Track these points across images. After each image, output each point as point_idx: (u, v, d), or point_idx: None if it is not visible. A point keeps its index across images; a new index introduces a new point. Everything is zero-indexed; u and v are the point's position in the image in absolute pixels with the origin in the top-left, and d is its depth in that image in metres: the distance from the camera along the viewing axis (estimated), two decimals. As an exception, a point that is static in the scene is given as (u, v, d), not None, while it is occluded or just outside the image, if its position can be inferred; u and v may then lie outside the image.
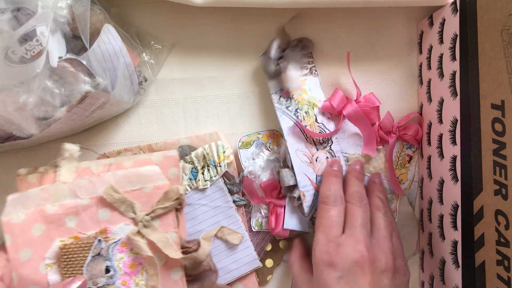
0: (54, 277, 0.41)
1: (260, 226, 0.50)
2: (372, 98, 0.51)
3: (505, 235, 0.38)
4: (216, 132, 0.50)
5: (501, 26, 0.38)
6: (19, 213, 0.41)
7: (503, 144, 0.38)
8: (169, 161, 0.45)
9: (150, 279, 0.43)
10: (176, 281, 0.44)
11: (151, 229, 0.43)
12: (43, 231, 0.41)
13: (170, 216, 0.44)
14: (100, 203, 0.43)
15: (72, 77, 0.39)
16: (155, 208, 0.43)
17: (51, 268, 0.41)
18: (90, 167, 0.44)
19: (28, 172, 0.43)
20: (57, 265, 0.41)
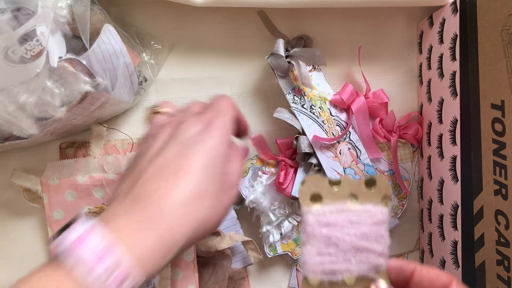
0: None
1: (274, 251, 0.50)
2: (381, 94, 0.51)
3: (505, 235, 0.38)
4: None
5: (501, 26, 0.38)
6: (55, 177, 0.47)
7: (503, 144, 0.38)
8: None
9: None
10: (188, 263, 0.45)
11: None
12: (74, 198, 0.47)
13: None
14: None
15: (72, 77, 0.39)
16: None
17: None
18: (116, 145, 0.50)
19: (67, 146, 0.50)
20: None
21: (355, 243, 0.30)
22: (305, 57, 0.48)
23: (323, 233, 0.30)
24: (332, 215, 0.30)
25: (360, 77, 0.52)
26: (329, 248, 0.30)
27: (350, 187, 0.31)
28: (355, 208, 0.31)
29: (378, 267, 0.30)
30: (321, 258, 0.30)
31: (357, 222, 0.30)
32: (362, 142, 0.50)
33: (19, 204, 0.49)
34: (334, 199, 0.31)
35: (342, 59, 0.52)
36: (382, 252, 0.30)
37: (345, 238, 0.30)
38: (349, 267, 0.30)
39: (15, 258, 0.50)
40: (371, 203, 0.31)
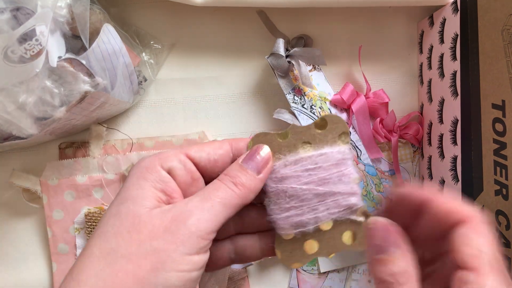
0: (81, 241, 0.47)
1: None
2: (382, 94, 0.51)
3: (506, 236, 0.38)
4: (203, 131, 0.51)
5: (501, 26, 0.38)
6: (54, 177, 0.47)
7: (503, 144, 0.37)
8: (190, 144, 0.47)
9: None
10: None
11: None
12: (74, 198, 0.47)
13: None
14: (123, 179, 0.47)
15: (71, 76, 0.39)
16: None
17: (79, 232, 0.47)
18: (116, 145, 0.50)
19: (66, 146, 0.50)
20: (84, 231, 0.46)
21: (316, 190, 0.29)
22: (305, 57, 0.48)
23: (280, 188, 0.29)
24: (286, 168, 0.29)
25: (360, 77, 0.52)
26: (291, 201, 0.29)
27: (300, 135, 0.30)
28: (309, 155, 0.30)
29: (351, 207, 0.29)
30: (286, 213, 0.29)
31: (314, 169, 0.29)
32: (362, 142, 0.50)
33: (19, 204, 0.49)
34: (285, 152, 0.30)
35: (343, 58, 0.52)
36: (350, 191, 0.29)
37: (303, 188, 0.29)
38: (318, 215, 0.29)
39: (14, 258, 0.50)
40: (327, 145, 0.30)
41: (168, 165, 0.29)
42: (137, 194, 0.27)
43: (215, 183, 0.29)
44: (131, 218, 0.26)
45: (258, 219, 0.32)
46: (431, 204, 0.26)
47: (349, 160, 0.30)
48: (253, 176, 0.29)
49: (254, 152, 0.30)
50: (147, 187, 0.27)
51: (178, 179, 0.29)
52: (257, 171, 0.29)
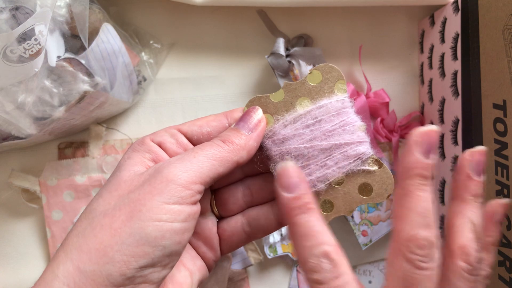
0: None
1: (274, 252, 0.50)
2: (382, 94, 0.51)
3: (506, 236, 0.38)
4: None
5: (502, 25, 0.37)
6: (53, 178, 0.47)
7: (504, 144, 0.37)
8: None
9: None
10: None
11: None
12: (73, 198, 0.47)
13: None
14: None
15: (70, 76, 0.39)
16: None
17: None
18: (115, 145, 0.49)
19: (65, 146, 0.50)
20: None
21: (321, 145, 0.28)
22: (305, 57, 0.48)
23: (284, 150, 0.28)
24: (286, 128, 0.28)
25: (361, 76, 0.52)
26: (297, 162, 0.28)
27: (295, 92, 0.29)
28: (307, 110, 0.28)
29: (361, 156, 0.28)
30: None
31: (314, 123, 0.28)
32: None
33: (18, 205, 0.49)
34: (283, 112, 0.29)
35: (343, 58, 0.52)
36: (357, 140, 0.28)
37: (306, 146, 0.28)
38: (327, 171, 0.28)
39: (13, 259, 0.50)
40: (324, 96, 0.29)
41: (158, 139, 0.29)
42: (126, 163, 0.27)
43: (205, 143, 0.28)
44: (115, 181, 0.26)
45: (267, 186, 0.31)
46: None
47: (350, 108, 0.29)
48: (244, 134, 0.28)
49: (246, 114, 0.30)
50: (136, 156, 0.28)
51: (169, 152, 0.29)
52: (248, 131, 0.29)
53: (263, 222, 0.31)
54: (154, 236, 0.24)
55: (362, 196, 0.28)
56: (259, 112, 0.29)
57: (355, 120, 0.28)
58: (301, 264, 0.26)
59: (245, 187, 0.32)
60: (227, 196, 0.32)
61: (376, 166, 0.28)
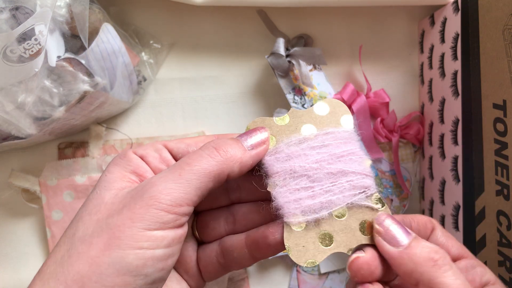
0: None
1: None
2: (382, 94, 0.50)
3: (507, 236, 0.38)
4: (203, 131, 0.50)
5: (502, 26, 0.37)
6: (53, 178, 0.47)
7: (505, 144, 0.37)
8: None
9: None
10: None
11: None
12: (73, 198, 0.47)
13: None
14: None
15: (70, 76, 0.39)
16: None
17: None
18: (115, 145, 0.49)
19: (65, 146, 0.49)
20: None
21: (328, 168, 0.26)
22: (305, 57, 0.47)
23: (286, 167, 0.26)
24: (290, 147, 0.27)
25: (361, 76, 0.52)
26: (301, 182, 0.26)
27: (300, 119, 0.28)
28: (314, 134, 0.27)
29: (367, 190, 0.26)
30: (295, 196, 0.26)
31: (321, 146, 0.27)
32: (363, 142, 0.50)
33: (18, 205, 0.49)
34: (286, 135, 0.27)
35: (343, 58, 0.52)
36: (364, 172, 0.26)
37: (312, 166, 0.26)
38: (332, 198, 0.26)
39: (13, 259, 0.50)
40: (329, 126, 0.28)
41: (141, 152, 0.27)
42: (106, 179, 0.26)
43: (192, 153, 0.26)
44: (95, 201, 0.25)
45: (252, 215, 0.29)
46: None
47: (357, 141, 0.28)
48: (244, 148, 0.27)
49: (252, 130, 0.28)
50: (117, 171, 0.26)
51: (151, 165, 0.27)
52: (250, 146, 0.27)
53: (236, 255, 0.28)
54: (136, 264, 0.22)
55: (363, 234, 0.27)
56: (266, 133, 0.28)
57: (362, 153, 0.27)
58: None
59: (229, 213, 0.30)
60: (209, 219, 0.30)
61: (380, 204, 0.27)
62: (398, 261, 0.25)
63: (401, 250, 0.25)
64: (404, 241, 0.25)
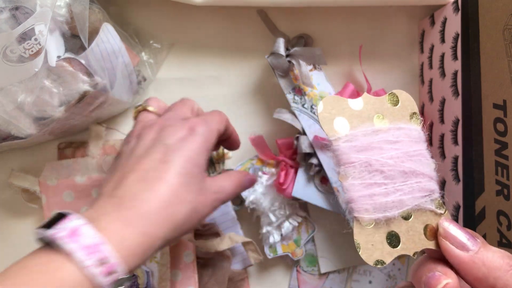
0: None
1: (274, 252, 0.50)
2: (382, 93, 0.50)
3: (507, 236, 0.38)
4: None
5: (503, 25, 0.37)
6: (53, 178, 0.46)
7: (505, 144, 0.37)
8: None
9: (162, 257, 0.44)
10: (187, 264, 0.45)
11: None
12: (73, 198, 0.47)
13: None
14: None
15: (70, 76, 0.39)
16: None
17: None
18: (115, 145, 0.49)
19: (65, 146, 0.49)
20: None
21: (402, 166, 0.25)
22: (305, 56, 0.47)
23: (362, 159, 0.25)
24: (365, 137, 0.25)
25: (361, 76, 0.52)
26: (374, 176, 0.25)
27: (373, 106, 0.27)
28: (386, 127, 0.26)
29: (432, 193, 0.26)
30: (370, 191, 0.25)
31: (395, 142, 0.26)
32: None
33: (17, 205, 0.49)
34: (359, 121, 0.26)
35: (343, 58, 0.52)
36: (431, 175, 0.26)
37: (388, 162, 0.25)
38: (403, 198, 0.25)
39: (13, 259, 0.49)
40: (400, 121, 0.27)
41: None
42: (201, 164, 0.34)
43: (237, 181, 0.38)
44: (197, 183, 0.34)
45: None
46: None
47: (425, 142, 0.27)
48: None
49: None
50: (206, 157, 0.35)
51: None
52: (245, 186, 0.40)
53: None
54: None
55: (427, 238, 0.26)
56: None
57: (429, 154, 0.27)
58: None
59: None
60: None
61: (443, 209, 0.26)
62: (469, 265, 0.25)
63: (472, 255, 0.25)
64: (473, 246, 0.25)
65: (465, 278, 0.26)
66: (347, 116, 0.26)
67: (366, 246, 0.25)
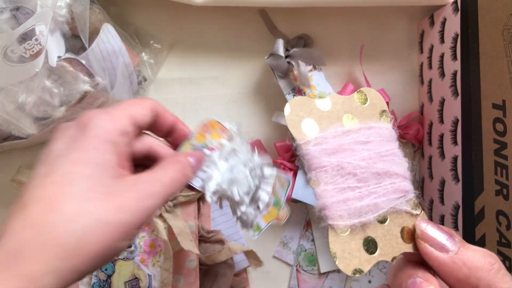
0: None
1: (258, 229, 0.48)
2: (382, 94, 0.50)
3: (506, 236, 0.38)
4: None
5: (502, 26, 0.37)
6: None
7: (504, 144, 0.37)
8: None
9: (164, 262, 0.44)
10: (190, 270, 0.45)
11: (173, 214, 0.45)
12: None
13: (191, 206, 0.46)
14: None
15: (71, 76, 0.39)
16: (177, 195, 0.46)
17: None
18: None
19: None
20: None
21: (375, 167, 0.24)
22: (304, 57, 0.48)
23: (334, 163, 0.24)
24: (335, 139, 0.24)
25: (361, 76, 0.52)
26: (347, 180, 0.24)
27: (342, 106, 0.26)
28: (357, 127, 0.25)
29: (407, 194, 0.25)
30: (343, 196, 0.24)
31: (366, 142, 0.25)
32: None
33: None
34: (328, 122, 0.25)
35: (343, 58, 0.52)
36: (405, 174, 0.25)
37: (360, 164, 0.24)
38: (378, 201, 0.24)
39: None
40: (370, 120, 0.26)
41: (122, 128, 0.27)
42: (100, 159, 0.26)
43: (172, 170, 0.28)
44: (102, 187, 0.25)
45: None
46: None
47: (396, 141, 0.26)
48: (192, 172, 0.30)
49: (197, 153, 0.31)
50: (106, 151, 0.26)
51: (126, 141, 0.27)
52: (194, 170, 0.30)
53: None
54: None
55: (404, 242, 0.25)
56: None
57: (401, 153, 0.26)
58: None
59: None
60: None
61: (419, 210, 0.26)
62: (450, 267, 0.24)
63: (452, 256, 0.24)
64: (452, 246, 0.24)
65: (446, 280, 0.24)
66: (315, 118, 0.25)
67: (343, 255, 0.24)
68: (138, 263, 0.45)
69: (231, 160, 0.32)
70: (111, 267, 0.45)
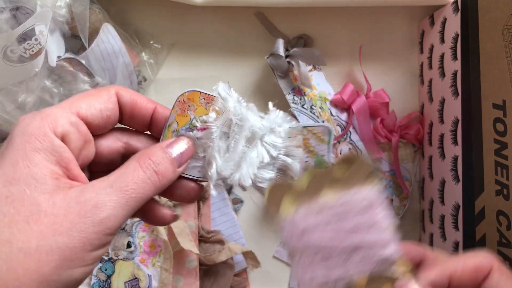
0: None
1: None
2: (382, 94, 0.51)
3: (506, 236, 0.38)
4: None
5: (502, 26, 0.37)
6: None
7: (504, 144, 0.37)
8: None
9: (164, 262, 0.45)
10: (190, 270, 0.45)
11: None
12: None
13: (191, 206, 0.46)
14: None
15: (71, 76, 0.39)
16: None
17: None
18: None
19: None
20: None
21: (348, 242, 0.25)
22: (304, 57, 0.48)
23: (307, 241, 0.25)
24: (310, 217, 0.25)
25: (361, 76, 0.52)
26: (316, 256, 0.25)
27: (320, 181, 0.26)
28: (334, 200, 0.25)
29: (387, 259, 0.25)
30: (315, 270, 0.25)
31: (342, 216, 0.25)
32: (362, 142, 0.50)
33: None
34: (307, 199, 0.26)
35: (343, 58, 0.52)
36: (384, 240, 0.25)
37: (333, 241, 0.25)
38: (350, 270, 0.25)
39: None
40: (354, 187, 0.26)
41: (60, 130, 0.24)
42: (30, 173, 0.22)
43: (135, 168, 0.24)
44: (29, 206, 0.22)
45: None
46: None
47: (379, 206, 0.26)
48: (175, 167, 0.26)
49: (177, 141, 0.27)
50: (40, 161, 0.23)
51: (71, 145, 0.24)
52: (178, 163, 0.26)
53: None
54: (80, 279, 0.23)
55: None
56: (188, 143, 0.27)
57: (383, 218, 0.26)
58: None
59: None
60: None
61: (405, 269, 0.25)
62: None
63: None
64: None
65: None
66: (293, 197, 0.26)
67: None
68: (138, 263, 0.45)
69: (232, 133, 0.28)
70: (111, 267, 0.45)
